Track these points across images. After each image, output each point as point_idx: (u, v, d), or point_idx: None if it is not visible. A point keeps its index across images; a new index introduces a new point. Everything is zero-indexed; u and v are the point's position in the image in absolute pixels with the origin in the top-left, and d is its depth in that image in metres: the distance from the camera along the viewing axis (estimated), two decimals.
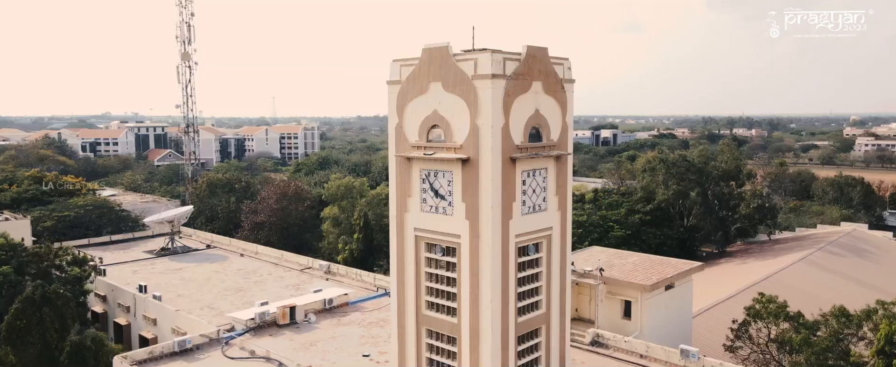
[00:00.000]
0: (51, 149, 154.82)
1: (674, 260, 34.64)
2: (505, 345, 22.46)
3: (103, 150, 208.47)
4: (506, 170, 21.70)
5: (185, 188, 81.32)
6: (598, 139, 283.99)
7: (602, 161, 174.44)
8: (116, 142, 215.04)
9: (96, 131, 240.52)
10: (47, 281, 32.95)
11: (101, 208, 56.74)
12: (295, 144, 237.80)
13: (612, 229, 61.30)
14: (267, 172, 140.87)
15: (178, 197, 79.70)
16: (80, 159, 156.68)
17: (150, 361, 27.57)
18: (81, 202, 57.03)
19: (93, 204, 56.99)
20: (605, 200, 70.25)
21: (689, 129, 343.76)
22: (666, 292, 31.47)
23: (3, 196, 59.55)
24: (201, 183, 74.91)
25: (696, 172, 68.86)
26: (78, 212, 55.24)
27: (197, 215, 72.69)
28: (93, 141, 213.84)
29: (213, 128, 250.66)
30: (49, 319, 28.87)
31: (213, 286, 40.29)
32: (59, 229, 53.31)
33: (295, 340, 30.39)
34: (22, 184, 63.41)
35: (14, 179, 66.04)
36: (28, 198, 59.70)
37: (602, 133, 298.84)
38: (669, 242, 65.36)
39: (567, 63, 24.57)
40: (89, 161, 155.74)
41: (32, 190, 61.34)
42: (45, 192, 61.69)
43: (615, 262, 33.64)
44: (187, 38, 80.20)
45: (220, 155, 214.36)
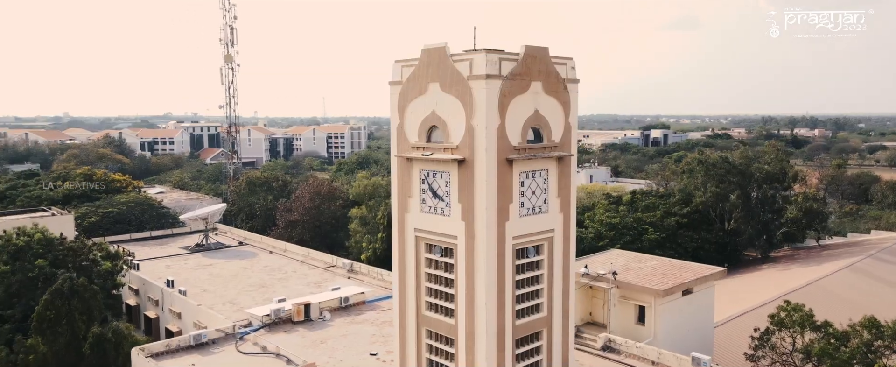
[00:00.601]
0: (109, 148, 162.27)
1: (695, 265, 33.59)
2: (501, 347, 22.26)
3: (160, 149, 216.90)
4: (502, 171, 21.51)
5: (227, 186, 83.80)
6: (647, 140, 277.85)
7: (650, 162, 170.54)
8: (173, 141, 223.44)
9: (154, 131, 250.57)
10: (81, 274, 34.42)
11: (143, 205, 59.11)
12: (341, 144, 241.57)
13: (646, 231, 59.87)
14: (312, 171, 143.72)
15: (220, 195, 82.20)
16: (136, 158, 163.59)
17: (167, 354, 28.50)
18: (124, 199, 59.54)
19: (135, 201, 59.42)
20: (642, 201, 68.65)
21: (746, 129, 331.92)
22: (683, 298, 30.56)
23: (56, 192, 62.81)
24: (241, 181, 77.05)
25: (738, 173, 66.50)
26: (121, 208, 57.71)
27: (237, 213, 74.83)
28: (151, 140, 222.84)
29: (264, 128, 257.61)
30: (77, 311, 30.20)
31: (238, 282, 41.40)
32: (103, 224, 55.79)
33: (307, 337, 30.89)
34: (74, 181, 66.68)
35: (68, 176, 69.53)
36: (78, 194, 62.73)
37: (652, 133, 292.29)
38: (707, 246, 63.36)
39: (571, 63, 24.16)
40: (144, 160, 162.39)
41: (83, 187, 64.41)
42: (94, 189, 64.68)
43: (633, 265, 32.88)
44: (230, 40, 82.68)
45: (269, 154, 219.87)
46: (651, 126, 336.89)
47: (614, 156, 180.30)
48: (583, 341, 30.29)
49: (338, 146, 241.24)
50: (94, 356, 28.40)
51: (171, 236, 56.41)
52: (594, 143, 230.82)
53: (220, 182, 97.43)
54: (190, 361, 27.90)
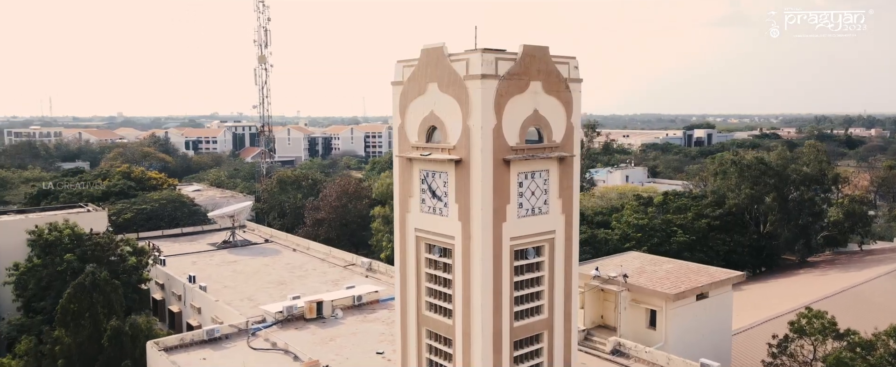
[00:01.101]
0: (153, 147, 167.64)
1: (712, 269, 32.72)
2: (497, 348, 22.11)
3: (203, 148, 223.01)
4: (498, 172, 21.36)
5: (260, 185, 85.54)
6: (689, 139, 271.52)
7: (692, 163, 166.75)
8: (215, 140, 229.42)
9: (199, 130, 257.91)
10: (108, 269, 35.66)
11: (174, 203, 60.88)
12: (379, 143, 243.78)
13: (675, 233, 58.54)
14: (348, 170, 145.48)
15: (254, 193, 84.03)
16: (179, 156, 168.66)
17: (181, 348, 29.29)
18: (156, 196, 61.46)
19: (167, 198, 61.25)
20: (673, 203, 67.16)
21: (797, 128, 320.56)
22: (697, 303, 29.81)
23: (95, 189, 65.25)
24: (272, 180, 78.56)
25: (774, 175, 64.37)
26: (153, 205, 59.58)
27: (269, 211, 76.35)
28: (195, 139, 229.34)
29: (304, 127, 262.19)
30: (99, 304, 31.30)
31: (259, 279, 42.25)
32: (137, 220, 57.71)
33: (317, 334, 31.31)
34: (112, 178, 69.16)
35: (108, 174, 72.14)
36: (116, 192, 65.03)
37: (695, 133, 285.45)
38: (740, 249, 61.59)
39: (573, 62, 23.81)
40: (186, 158, 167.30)
41: (121, 184, 66.72)
42: (131, 186, 66.93)
43: (648, 268, 32.24)
44: (264, 41, 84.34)
45: (308, 153, 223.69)
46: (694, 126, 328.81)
47: (654, 156, 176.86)
48: (592, 344, 29.87)
49: (375, 145, 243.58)
50: (112, 349, 29.41)
51: (201, 233, 57.95)
52: (634, 143, 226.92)
53: (255, 180, 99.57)
54: (202, 355, 28.60)
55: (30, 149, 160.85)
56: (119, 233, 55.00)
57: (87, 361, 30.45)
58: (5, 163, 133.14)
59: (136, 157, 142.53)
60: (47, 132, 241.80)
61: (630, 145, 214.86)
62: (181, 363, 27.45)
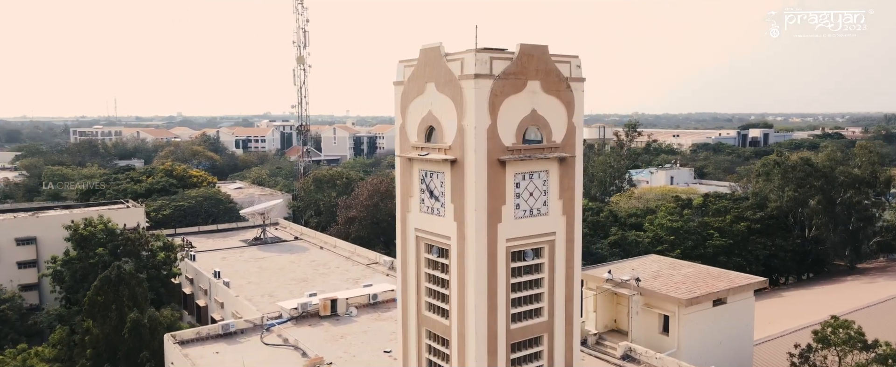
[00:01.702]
0: (203, 145, 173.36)
1: (733, 274, 31.63)
2: (492, 350, 21.96)
3: (253, 146, 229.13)
4: (493, 172, 21.22)
5: (298, 183, 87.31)
6: (744, 140, 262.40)
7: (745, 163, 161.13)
8: (264, 139, 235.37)
9: (249, 129, 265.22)
10: (138, 263, 37.14)
11: (211, 200, 62.81)
12: None
13: (711, 236, 56.78)
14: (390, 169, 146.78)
15: (292, 191, 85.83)
16: (226, 155, 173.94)
17: (197, 341, 30.25)
18: (194, 194, 63.54)
19: (204, 195, 63.25)
20: (713, 205, 65.18)
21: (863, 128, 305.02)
22: (714, 309, 28.91)
23: (139, 186, 67.98)
24: (308, 178, 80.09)
25: (820, 177, 61.57)
26: (190, 202, 61.64)
27: (305, 209, 77.85)
28: (244, 138, 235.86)
29: (350, 126, 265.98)
30: (124, 297, 32.64)
31: (282, 276, 43.19)
32: (175, 216, 59.85)
33: (330, 331, 31.79)
34: (156, 176, 71.92)
35: (152, 171, 75.05)
36: (158, 189, 67.60)
37: (750, 133, 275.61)
38: (782, 253, 59.24)
39: (575, 61, 23.41)
40: (233, 157, 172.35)
41: (163, 182, 69.31)
42: (172, 183, 69.43)
43: (665, 272, 31.45)
44: (302, 42, 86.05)
45: (353, 152, 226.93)
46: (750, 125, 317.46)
47: (704, 157, 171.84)
48: (603, 348, 29.36)
49: None
50: (131, 340, 30.62)
51: (235, 230, 59.62)
52: (684, 143, 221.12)
53: (295, 179, 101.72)
54: (215, 349, 29.46)
55: (90, 147, 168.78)
56: (158, 228, 57.25)
57: (113, 351, 31.78)
58: (67, 161, 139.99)
59: (185, 155, 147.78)
60: (109, 131, 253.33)
61: (679, 145, 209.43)
62: (194, 356, 28.31)
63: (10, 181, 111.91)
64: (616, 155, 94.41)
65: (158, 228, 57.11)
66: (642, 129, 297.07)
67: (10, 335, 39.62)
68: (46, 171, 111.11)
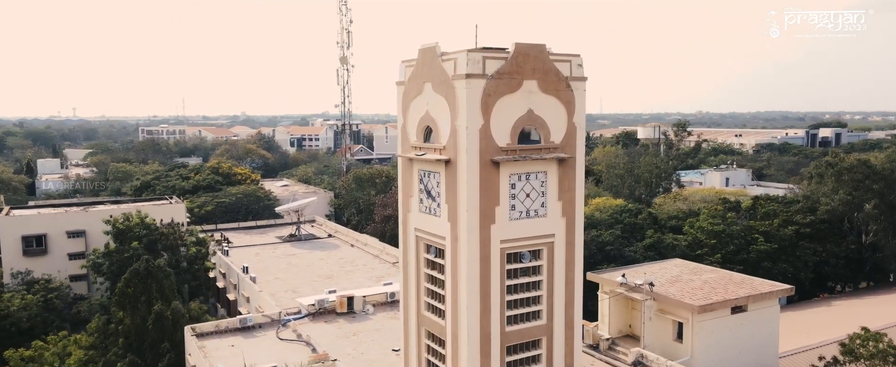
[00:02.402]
0: (256, 144, 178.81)
1: (757, 281, 30.37)
2: (486, 352, 21.91)
3: (307, 145, 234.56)
4: (486, 173, 21.15)
5: (340, 181, 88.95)
6: (813, 139, 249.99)
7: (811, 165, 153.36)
8: (317, 138, 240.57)
9: (304, 128, 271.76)
10: (172, 257, 38.77)
11: (251, 197, 64.81)
12: None
13: (755, 241, 54.55)
14: None
15: (335, 190, 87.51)
16: (278, 153, 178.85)
17: (215, 334, 31.37)
18: (235, 191, 65.71)
19: (244, 193, 65.32)
20: (762, 208, 62.57)
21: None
22: (732, 317, 27.88)
23: (186, 183, 70.85)
24: (349, 177, 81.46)
25: (879, 179, 58.17)
26: (231, 199, 63.79)
27: (346, 207, 79.24)
28: (299, 137, 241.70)
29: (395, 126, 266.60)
30: (152, 289, 34.16)
31: (309, 272, 44.18)
32: (217, 212, 62.06)
33: (343, 328, 32.36)
34: (203, 173, 74.78)
35: (200, 169, 78.06)
36: (204, 186, 70.27)
37: (820, 132, 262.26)
38: (833, 260, 56.33)
39: (576, 60, 23.01)
40: (284, 155, 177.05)
41: (209, 179, 72.01)
42: (217, 180, 72.04)
43: (684, 277, 30.54)
44: (346, 42, 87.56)
45: None
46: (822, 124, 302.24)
47: (768, 158, 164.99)
48: (615, 354, 28.79)
49: None
50: (155, 331, 32.02)
51: (272, 226, 61.31)
52: (747, 143, 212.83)
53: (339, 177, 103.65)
54: (231, 342, 30.48)
55: (153, 145, 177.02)
56: (200, 224, 59.57)
57: (142, 341, 33.30)
58: (132, 158, 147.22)
59: (239, 153, 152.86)
60: (173, 130, 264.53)
61: (741, 146, 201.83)
62: (210, 348, 29.36)
63: (80, 177, 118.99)
64: (663, 155, 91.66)
65: (201, 223, 59.40)
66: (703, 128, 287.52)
67: (55, 323, 42.13)
68: (112, 167, 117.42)
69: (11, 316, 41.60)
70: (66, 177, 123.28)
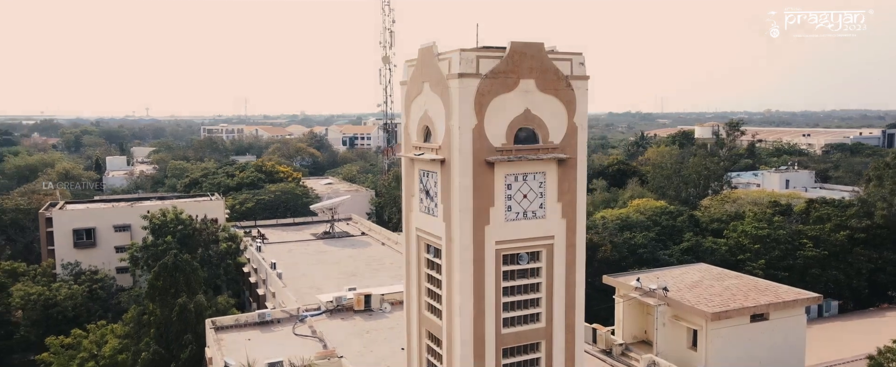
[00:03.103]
0: (306, 143, 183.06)
1: (783, 288, 29.14)
2: (480, 354, 21.87)
3: (359, 144, 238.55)
4: (480, 173, 21.10)
5: (381, 179, 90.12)
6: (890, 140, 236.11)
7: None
8: (369, 137, 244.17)
9: (357, 127, 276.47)
10: (205, 252, 40.32)
11: (288, 194, 66.51)
12: None
13: (803, 247, 52.14)
14: None
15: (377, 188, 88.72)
16: (329, 152, 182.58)
17: (234, 328, 32.47)
18: (274, 188, 67.57)
19: (282, 190, 67.10)
20: (815, 212, 59.75)
21: None
22: (751, 325, 26.92)
23: (231, 180, 73.37)
24: (389, 175, 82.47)
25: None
26: (270, 196, 65.64)
27: (386, 205, 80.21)
28: (351, 136, 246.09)
29: None
30: (180, 282, 35.64)
31: (336, 269, 45.03)
32: (256, 209, 64.00)
33: (358, 325, 32.91)
34: (247, 171, 77.25)
35: (245, 166, 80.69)
36: (247, 183, 72.59)
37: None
38: (890, 267, 53.23)
39: (578, 58, 22.67)
40: (334, 153, 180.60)
41: (252, 177, 74.35)
42: (260, 178, 74.27)
43: (705, 282, 29.66)
44: (388, 42, 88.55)
45: None
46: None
47: (837, 159, 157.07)
48: (628, 360, 28.25)
49: None
50: (179, 323, 33.39)
51: (309, 224, 62.75)
52: (815, 142, 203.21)
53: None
54: (249, 335, 31.47)
55: (210, 144, 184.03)
56: (240, 220, 61.67)
57: (169, 332, 34.81)
58: (190, 156, 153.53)
59: (290, 152, 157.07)
60: (232, 129, 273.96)
61: (809, 146, 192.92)
62: (227, 341, 30.44)
63: (143, 173, 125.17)
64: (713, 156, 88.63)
65: (241, 219, 61.47)
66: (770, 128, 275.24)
67: (98, 312, 44.51)
68: (170, 165, 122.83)
69: (58, 305, 44.19)
70: (131, 173, 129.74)
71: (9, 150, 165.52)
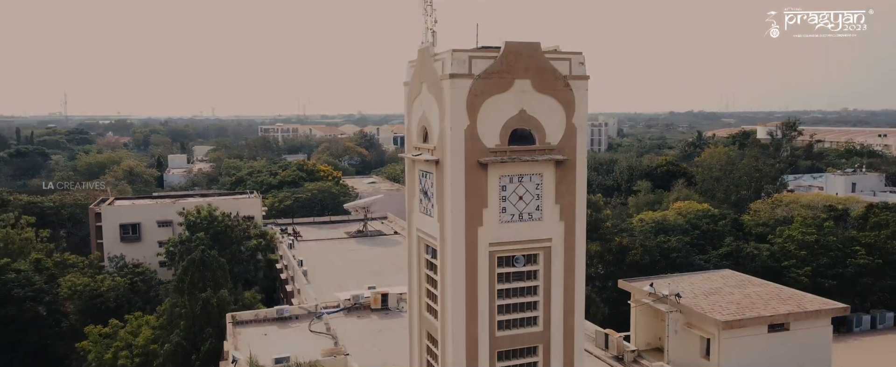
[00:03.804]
0: (355, 142, 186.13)
1: (809, 297, 27.93)
2: (472, 356, 21.94)
3: None
4: (473, 174, 21.19)
5: None
6: None
7: None
8: None
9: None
10: (233, 248, 41.79)
11: (325, 193, 67.90)
12: (599, 139, 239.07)
13: (854, 254, 49.59)
14: None
15: None
16: (377, 151, 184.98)
17: (253, 323, 33.59)
18: (311, 187, 69.12)
19: (318, 189, 68.56)
20: (874, 218, 56.72)
21: None
22: (769, 335, 26.00)
23: (273, 179, 75.59)
24: None
25: None
26: (308, 195, 67.21)
27: None
28: (402, 135, 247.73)
29: None
30: (207, 277, 37.08)
31: (363, 268, 45.76)
32: (294, 207, 65.69)
33: (372, 324, 33.47)
34: (290, 169, 79.37)
35: (287, 165, 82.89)
36: (289, 181, 74.60)
37: None
38: None
39: (577, 57, 22.45)
40: (381, 152, 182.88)
41: (293, 175, 76.35)
42: (302, 177, 76.17)
43: (725, 289, 28.82)
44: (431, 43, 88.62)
45: None
46: None
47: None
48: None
49: (595, 143, 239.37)
50: (202, 316, 34.73)
51: (345, 222, 63.86)
52: (892, 144, 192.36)
53: None
54: (266, 331, 32.49)
55: (263, 143, 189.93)
56: (278, 218, 63.50)
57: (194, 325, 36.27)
58: (244, 155, 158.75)
59: (339, 151, 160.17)
60: (287, 129, 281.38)
61: (886, 147, 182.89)
62: (244, 335, 31.54)
63: (200, 171, 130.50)
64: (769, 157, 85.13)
65: (279, 217, 63.27)
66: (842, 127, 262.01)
67: (137, 303, 46.75)
68: (224, 163, 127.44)
69: (102, 296, 46.65)
70: (189, 171, 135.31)
71: (82, 148, 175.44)
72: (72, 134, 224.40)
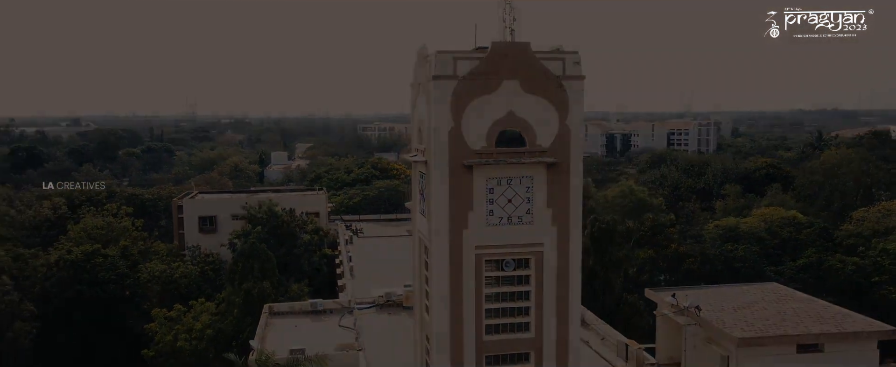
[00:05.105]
0: None
1: (855, 317, 25.68)
2: (458, 359, 22.24)
3: None
4: (458, 176, 21.51)
5: None
6: None
7: None
8: None
9: None
10: (289, 243, 44.23)
11: (391, 191, 69.58)
12: (685, 140, 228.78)
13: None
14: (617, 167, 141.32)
15: None
16: None
17: (288, 314, 35.47)
18: (379, 185, 71.11)
19: (385, 187, 70.38)
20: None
21: None
22: (799, 356, 24.28)
23: (347, 176, 78.57)
24: None
25: None
26: (374, 193, 69.23)
27: None
28: None
29: (602, 123, 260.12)
30: (255, 268, 39.56)
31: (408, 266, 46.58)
32: (362, 204, 67.95)
33: (401, 322, 34.29)
34: (365, 167, 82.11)
35: (362, 163, 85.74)
36: (361, 179, 77.25)
37: None
38: None
39: (572, 57, 22.23)
40: None
41: (366, 173, 78.93)
42: (374, 174, 78.57)
43: (759, 303, 27.15)
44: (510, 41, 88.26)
45: (605, 149, 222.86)
46: None
47: None
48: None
49: (680, 143, 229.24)
50: (244, 306, 37.08)
51: (408, 220, 65.17)
52: None
53: None
54: (297, 323, 34.23)
55: (357, 141, 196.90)
56: (347, 214, 66.01)
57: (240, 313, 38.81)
58: (340, 152, 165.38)
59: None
60: (384, 127, 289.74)
61: None
62: (276, 325, 33.44)
63: (298, 167, 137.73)
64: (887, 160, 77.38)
65: (348, 213, 65.78)
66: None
67: (206, 290, 50.44)
68: (318, 160, 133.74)
69: (175, 282, 50.78)
70: (287, 168, 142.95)
71: (204, 145, 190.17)
72: (195, 132, 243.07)
